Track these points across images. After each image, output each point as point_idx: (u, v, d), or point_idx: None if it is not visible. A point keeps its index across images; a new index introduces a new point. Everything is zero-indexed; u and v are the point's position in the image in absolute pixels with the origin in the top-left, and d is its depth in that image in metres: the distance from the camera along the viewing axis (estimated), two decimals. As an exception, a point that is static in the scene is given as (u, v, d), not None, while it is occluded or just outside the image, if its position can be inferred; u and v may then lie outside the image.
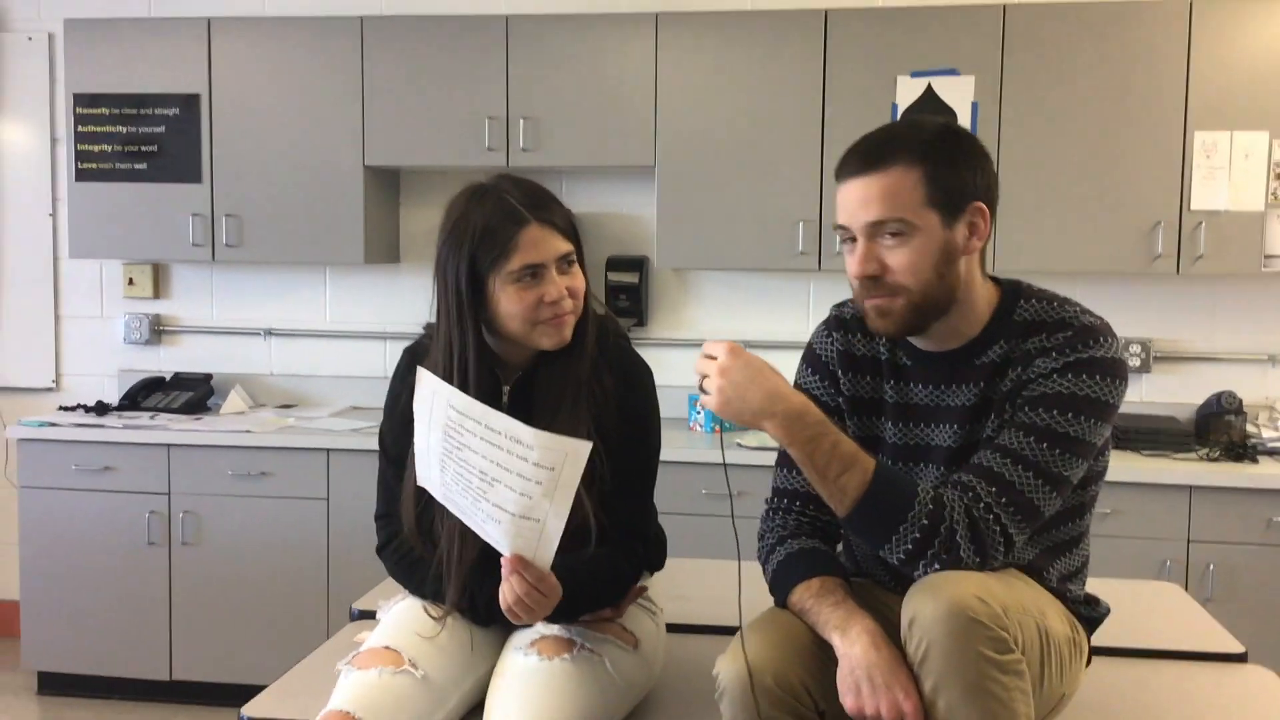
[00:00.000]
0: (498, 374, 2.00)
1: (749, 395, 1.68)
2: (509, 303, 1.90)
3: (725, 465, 1.92)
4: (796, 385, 2.02)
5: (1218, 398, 3.92)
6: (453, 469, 1.76)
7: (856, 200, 1.76)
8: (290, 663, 2.23)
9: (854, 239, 1.78)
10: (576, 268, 1.96)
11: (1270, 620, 3.51)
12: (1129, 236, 3.77)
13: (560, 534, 1.71)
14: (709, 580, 2.32)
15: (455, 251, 1.91)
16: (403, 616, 1.99)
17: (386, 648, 1.88)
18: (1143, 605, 2.58)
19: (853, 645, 1.68)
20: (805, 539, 1.93)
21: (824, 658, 1.73)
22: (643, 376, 2.07)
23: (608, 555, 1.95)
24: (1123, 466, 3.60)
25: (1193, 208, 3.74)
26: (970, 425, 1.84)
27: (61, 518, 4.06)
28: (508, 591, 1.77)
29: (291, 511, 3.96)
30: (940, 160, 1.76)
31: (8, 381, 4.69)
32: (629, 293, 4.28)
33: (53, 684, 4.18)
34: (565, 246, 1.93)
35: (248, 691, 2.08)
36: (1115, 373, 1.79)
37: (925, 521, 1.67)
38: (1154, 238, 3.75)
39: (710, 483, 3.63)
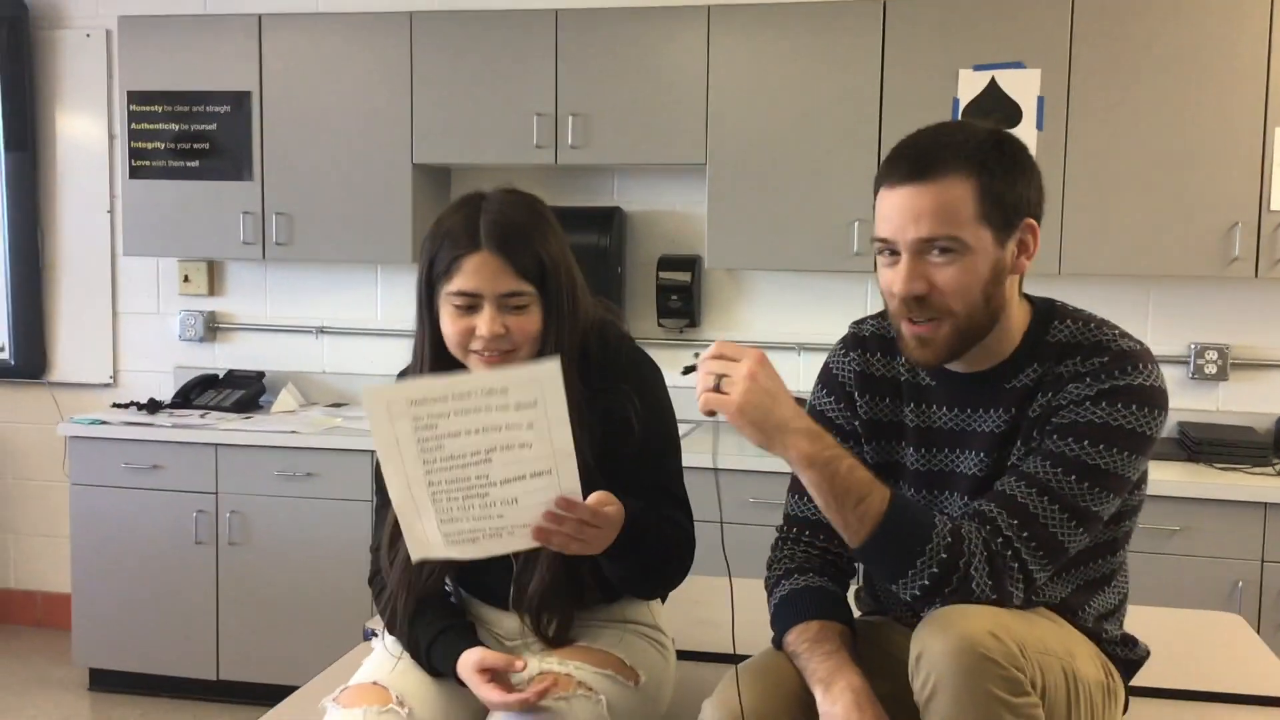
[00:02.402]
0: None
1: (775, 406, 1.56)
2: (445, 323, 1.83)
3: (715, 470, 1.80)
4: (811, 407, 1.91)
5: (1299, 408, 3.71)
6: (445, 485, 1.65)
7: (906, 212, 1.62)
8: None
9: (895, 252, 1.65)
10: (530, 311, 1.83)
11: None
12: (1205, 238, 3.58)
13: (577, 472, 1.62)
14: (739, 602, 2.22)
15: (425, 251, 1.85)
16: (397, 648, 1.92)
17: (375, 684, 1.82)
18: (1198, 639, 2.42)
19: (834, 704, 1.58)
20: (813, 575, 1.82)
21: (814, 708, 1.63)
22: (654, 377, 1.97)
23: (661, 519, 1.87)
24: (1194, 481, 3.43)
25: (1273, 207, 3.52)
26: (998, 453, 1.72)
27: (111, 515, 4.08)
28: (559, 540, 1.66)
29: (337, 513, 3.94)
30: (996, 172, 1.63)
31: (67, 377, 4.74)
32: (680, 293, 4.18)
33: (104, 681, 4.22)
34: (513, 285, 1.80)
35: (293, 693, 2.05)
36: (1154, 402, 1.65)
37: (944, 555, 1.56)
38: (1231, 239, 3.55)
39: (759, 489, 3.51)
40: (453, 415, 1.60)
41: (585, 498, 1.66)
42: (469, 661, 1.78)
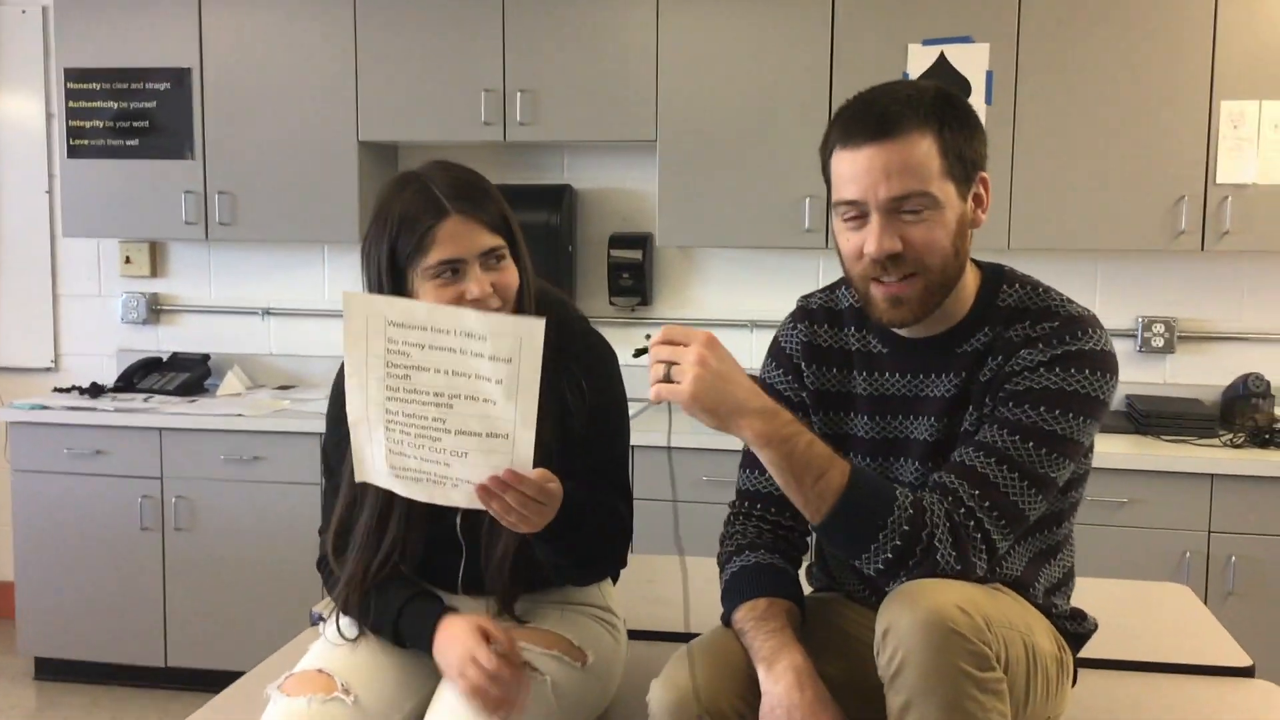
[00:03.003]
0: None
1: (728, 388, 1.52)
2: (429, 299, 1.77)
3: (669, 449, 1.78)
4: (762, 381, 1.90)
5: (1244, 380, 3.75)
6: (401, 418, 1.64)
7: (875, 171, 1.59)
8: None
9: (861, 215, 1.63)
10: (508, 263, 1.82)
11: (1295, 616, 3.35)
12: (1152, 212, 3.60)
13: (532, 445, 1.60)
14: (693, 580, 2.20)
15: (377, 243, 1.80)
16: (351, 630, 1.89)
17: (319, 671, 1.78)
18: (1147, 610, 2.44)
19: (776, 683, 1.57)
20: (764, 552, 1.80)
21: (759, 686, 1.62)
22: (608, 359, 1.95)
23: (600, 509, 1.84)
24: (1142, 453, 3.46)
25: (1219, 181, 3.55)
26: (949, 418, 1.72)
27: (54, 501, 4.01)
28: (499, 508, 1.64)
29: (284, 496, 3.89)
30: (954, 125, 1.62)
31: (7, 362, 4.64)
32: (632, 271, 4.15)
33: (50, 669, 4.15)
34: (491, 241, 1.79)
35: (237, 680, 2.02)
36: (1106, 366, 1.66)
37: (905, 528, 1.55)
38: (1178, 213, 3.57)
39: (712, 468, 3.50)
40: (427, 348, 1.59)
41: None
42: (465, 623, 1.75)
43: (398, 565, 1.87)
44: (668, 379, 1.53)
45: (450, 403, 1.60)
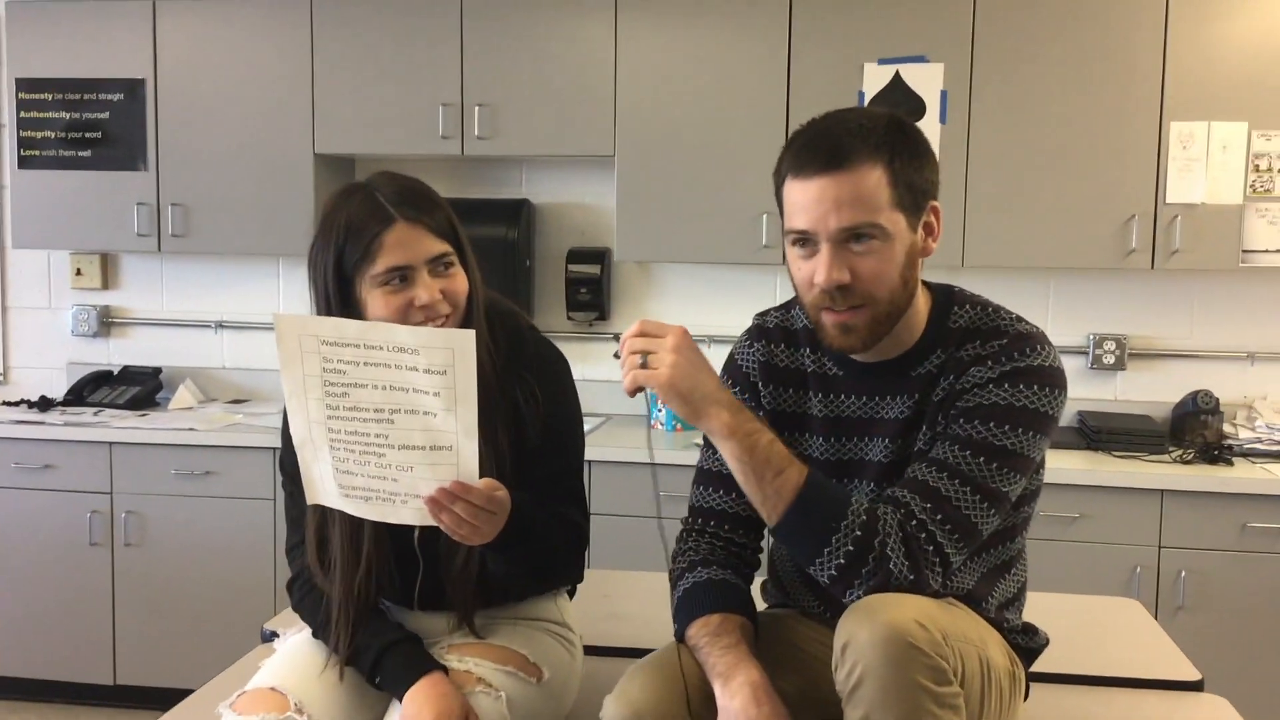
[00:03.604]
0: None
1: (701, 377, 1.58)
2: (377, 307, 1.77)
3: (653, 465, 1.79)
4: None
5: (1193, 397, 3.80)
6: (344, 435, 1.63)
7: (825, 202, 1.60)
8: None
9: (812, 244, 1.64)
10: (457, 270, 1.82)
11: (1243, 629, 3.39)
12: (1103, 230, 3.64)
13: (476, 455, 1.60)
14: (647, 596, 2.20)
15: (323, 252, 1.79)
16: (298, 650, 1.88)
17: (272, 689, 1.76)
18: (1098, 625, 2.46)
19: (733, 698, 1.57)
20: (717, 568, 1.80)
21: (714, 701, 1.62)
22: (561, 369, 1.95)
23: (552, 519, 1.83)
24: (1093, 469, 3.49)
25: (1168, 200, 3.60)
26: (904, 439, 1.73)
27: (1, 517, 3.94)
28: (449, 520, 1.62)
29: (237, 512, 3.84)
30: (904, 156, 1.63)
31: (-47, 374, 4.57)
32: (590, 285, 4.15)
33: (-6, 687, 4.08)
34: (438, 247, 1.78)
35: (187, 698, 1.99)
36: (1054, 382, 1.68)
37: (859, 533, 1.56)
38: (1128, 231, 3.62)
39: (671, 484, 3.48)
40: (362, 365, 1.59)
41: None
42: (450, 693, 1.73)
43: (378, 584, 1.86)
44: (644, 367, 1.57)
45: (391, 418, 1.60)
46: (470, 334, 1.55)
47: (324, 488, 1.69)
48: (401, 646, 1.80)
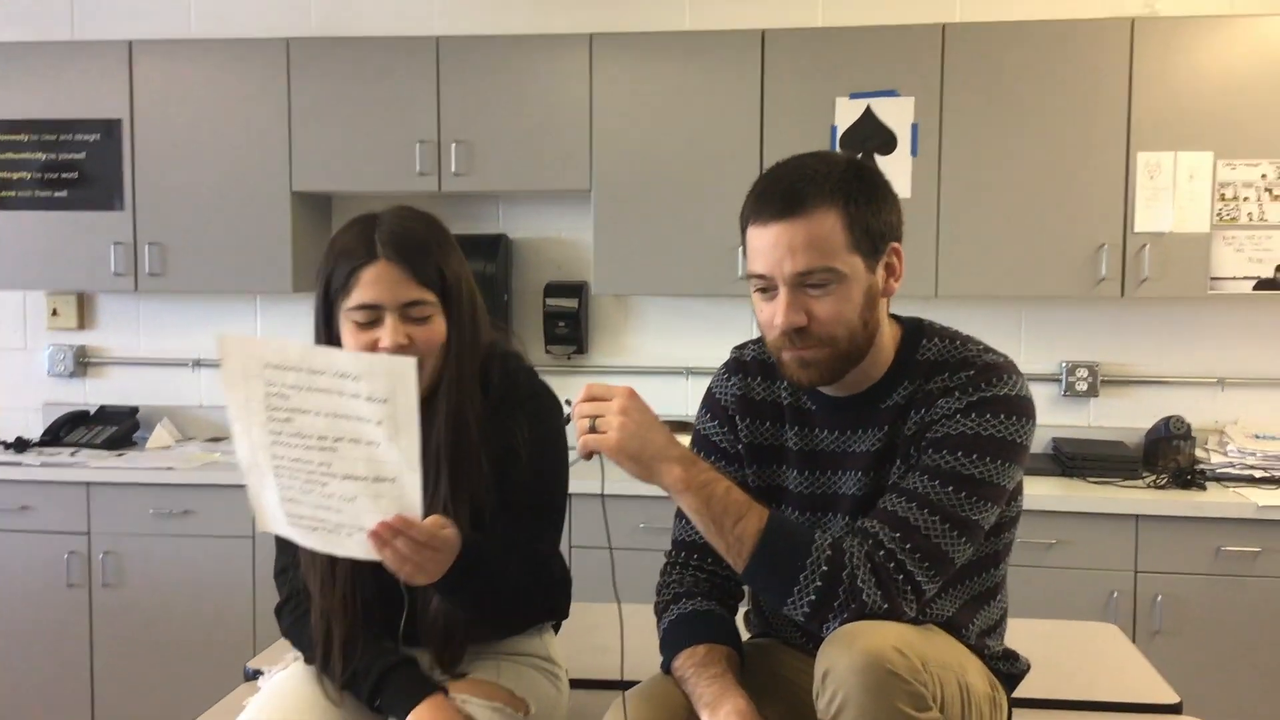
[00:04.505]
0: None
1: (651, 435, 1.60)
2: (347, 340, 1.80)
3: (603, 496, 1.77)
4: (696, 431, 1.93)
5: (1165, 422, 3.84)
6: (288, 463, 1.60)
7: (781, 248, 1.63)
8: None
9: (772, 288, 1.67)
10: (434, 320, 1.81)
11: (1219, 652, 3.42)
12: (1073, 260, 3.69)
13: (420, 489, 1.57)
14: (632, 628, 2.20)
15: (321, 272, 1.83)
16: (283, 687, 1.87)
17: (259, 726, 1.76)
18: (1076, 650, 2.48)
19: None
20: (701, 600, 1.82)
21: None
22: (553, 411, 1.95)
23: (513, 559, 1.82)
24: (1069, 495, 3.53)
25: (1137, 230, 3.66)
26: (875, 471, 1.75)
27: (-23, 559, 3.92)
28: (392, 557, 1.59)
29: (216, 551, 3.83)
30: (860, 201, 1.66)
31: (-72, 416, 4.53)
32: (568, 319, 4.17)
33: (-30, 732, 4.04)
34: (413, 294, 1.79)
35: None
36: (1021, 411, 1.70)
37: (825, 568, 1.58)
38: (1098, 260, 3.67)
39: (649, 516, 3.51)
40: (305, 390, 1.56)
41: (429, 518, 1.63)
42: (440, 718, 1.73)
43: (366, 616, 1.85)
44: (593, 430, 1.59)
45: (334, 446, 1.57)
46: (411, 361, 1.53)
47: (272, 514, 1.67)
48: (402, 669, 1.80)
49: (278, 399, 1.58)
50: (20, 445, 4.15)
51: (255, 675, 2.24)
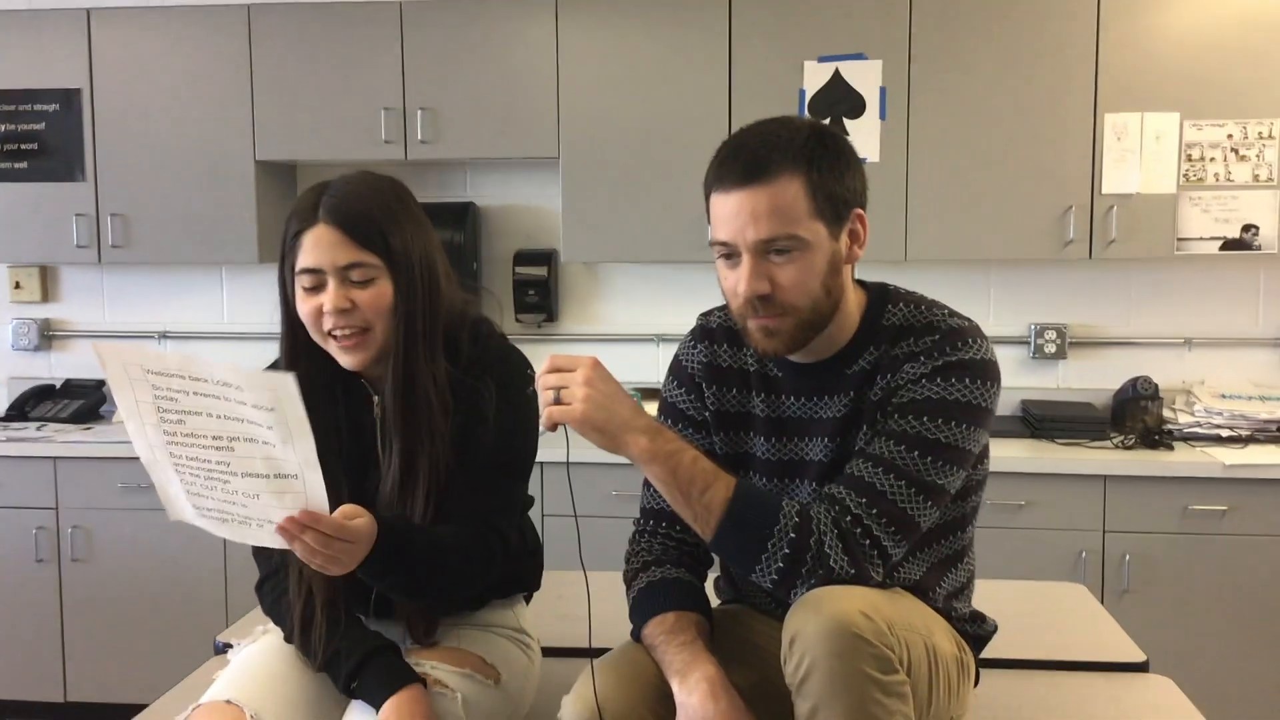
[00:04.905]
0: (365, 384, 1.89)
1: (616, 406, 1.58)
2: (299, 305, 1.81)
3: (568, 465, 1.74)
4: (664, 399, 1.93)
5: (1133, 383, 3.87)
6: (186, 460, 1.56)
7: (744, 215, 1.62)
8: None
9: (735, 254, 1.66)
10: (378, 283, 1.79)
11: (1185, 611, 3.47)
12: (1041, 222, 3.70)
13: (323, 485, 1.54)
14: (601, 596, 2.20)
15: (282, 236, 1.83)
16: (253, 660, 1.87)
17: (228, 702, 1.75)
18: (1045, 610, 2.51)
19: (690, 694, 1.59)
20: (670, 567, 1.83)
21: (672, 699, 1.64)
22: (517, 370, 1.92)
23: (454, 532, 1.79)
24: (1037, 457, 3.55)
25: (1104, 191, 3.67)
26: (842, 437, 1.76)
27: (-56, 536, 3.88)
28: (302, 550, 1.57)
29: (185, 524, 3.79)
30: (823, 167, 1.65)
31: (-110, 392, 4.48)
32: (537, 287, 4.15)
33: (-59, 709, 4.02)
34: (351, 256, 1.76)
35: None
36: (986, 374, 1.70)
37: (793, 535, 1.58)
38: (1065, 222, 3.68)
39: (622, 483, 3.51)
40: (193, 394, 1.52)
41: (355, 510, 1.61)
42: (415, 709, 1.71)
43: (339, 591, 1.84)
44: (558, 403, 1.57)
45: (230, 445, 1.54)
46: (289, 377, 1.48)
47: (180, 506, 1.64)
48: (382, 656, 1.78)
49: (166, 401, 1.54)
50: (-15, 420, 4.11)
51: (225, 649, 2.23)
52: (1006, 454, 3.51)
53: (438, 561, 1.76)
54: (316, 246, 1.76)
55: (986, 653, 1.93)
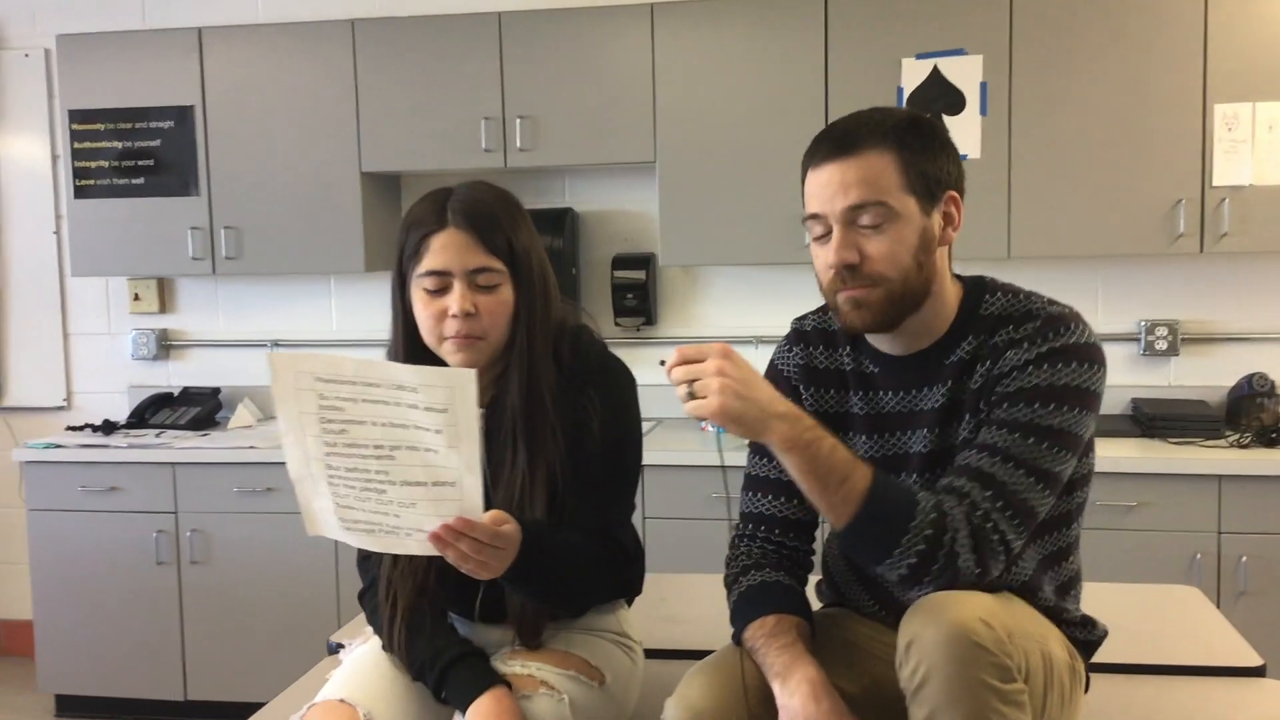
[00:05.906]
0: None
1: (753, 394, 1.54)
2: (419, 309, 1.83)
3: (724, 467, 1.76)
4: None
5: (1248, 380, 3.76)
6: (343, 473, 1.59)
7: (833, 185, 1.65)
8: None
9: (827, 231, 1.67)
10: (502, 290, 1.82)
11: (1307, 613, 3.36)
12: (1149, 216, 3.62)
13: (480, 489, 1.57)
14: (703, 598, 2.21)
15: (397, 244, 1.86)
16: (365, 660, 1.91)
17: (342, 701, 1.80)
18: (1158, 613, 2.45)
19: (792, 696, 1.59)
20: (770, 570, 1.83)
21: (774, 702, 1.64)
22: (625, 385, 1.95)
23: (580, 540, 1.82)
24: (1149, 456, 3.47)
25: (1215, 184, 3.57)
26: (942, 428, 1.74)
27: (70, 539, 4.04)
28: (455, 556, 1.61)
29: (299, 526, 3.84)
30: (914, 146, 1.67)
31: (20, 402, 4.68)
32: (636, 291, 4.18)
33: (70, 706, 4.17)
34: (482, 261, 1.80)
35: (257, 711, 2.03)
36: (1091, 357, 1.68)
37: (929, 532, 1.55)
38: (1175, 216, 3.59)
39: (720, 486, 3.51)
40: (360, 401, 1.55)
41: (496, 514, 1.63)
42: (499, 710, 1.73)
43: (442, 595, 1.88)
44: (692, 397, 1.54)
45: (392, 454, 1.56)
46: (471, 374, 1.51)
47: (324, 520, 1.67)
48: (466, 661, 1.81)
49: (331, 411, 1.56)
50: (108, 428, 4.26)
51: (338, 649, 2.29)
52: (1117, 453, 3.44)
53: (571, 567, 1.79)
54: (446, 249, 1.79)
55: (1097, 657, 1.89)
